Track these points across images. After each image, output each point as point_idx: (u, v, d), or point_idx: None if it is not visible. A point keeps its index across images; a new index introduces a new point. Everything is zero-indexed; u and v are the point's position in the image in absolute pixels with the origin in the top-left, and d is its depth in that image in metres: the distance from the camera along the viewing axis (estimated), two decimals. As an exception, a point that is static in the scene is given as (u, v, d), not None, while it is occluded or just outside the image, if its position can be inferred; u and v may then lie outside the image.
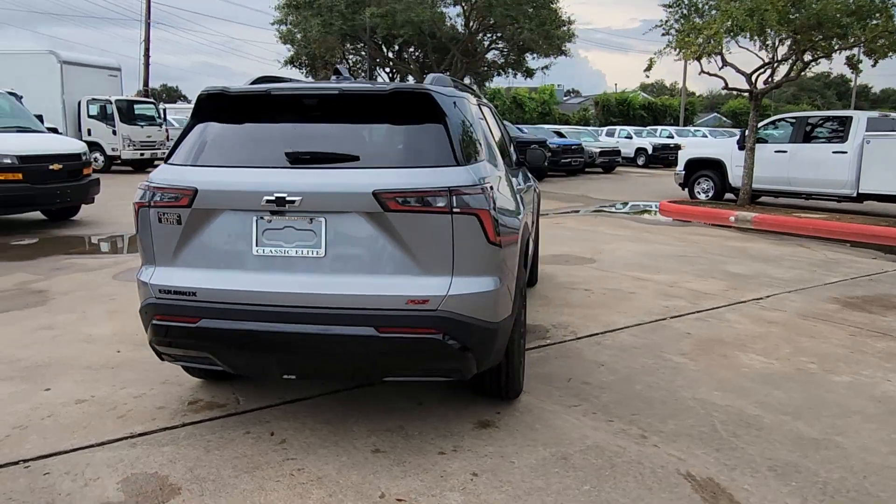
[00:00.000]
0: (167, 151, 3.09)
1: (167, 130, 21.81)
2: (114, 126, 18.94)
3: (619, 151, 23.91)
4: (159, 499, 2.64)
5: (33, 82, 18.66)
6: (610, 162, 23.08)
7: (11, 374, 3.97)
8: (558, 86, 49.79)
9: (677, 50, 12.38)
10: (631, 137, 27.82)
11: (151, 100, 22.83)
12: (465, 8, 16.26)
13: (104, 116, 19.04)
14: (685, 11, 12.30)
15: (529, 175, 5.71)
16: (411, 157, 2.84)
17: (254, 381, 3.79)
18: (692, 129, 30.94)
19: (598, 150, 22.67)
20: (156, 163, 20.73)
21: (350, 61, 21.66)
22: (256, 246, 2.82)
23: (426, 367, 2.90)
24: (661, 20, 12.57)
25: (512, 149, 5.31)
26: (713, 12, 11.60)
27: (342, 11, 15.62)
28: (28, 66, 19.00)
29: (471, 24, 16.91)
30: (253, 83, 3.39)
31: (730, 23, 10.85)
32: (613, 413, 3.46)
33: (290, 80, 3.32)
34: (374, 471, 2.85)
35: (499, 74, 21.33)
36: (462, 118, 3.12)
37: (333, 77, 3.40)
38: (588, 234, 9.61)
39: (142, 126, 19.55)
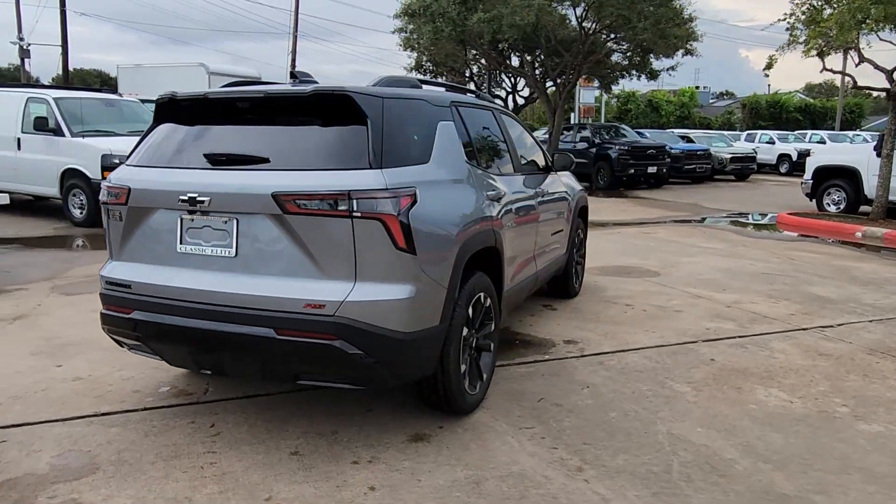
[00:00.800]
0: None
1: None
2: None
3: (754, 158, 22.02)
4: (75, 475, 2.82)
5: (186, 90, 20.86)
6: (743, 169, 21.31)
7: (43, 349, 4.44)
8: (703, 88, 46.85)
9: (806, 43, 11.19)
10: (773, 143, 25.51)
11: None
12: (579, 10, 15.75)
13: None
14: (813, 2, 11.06)
15: (566, 181, 5.42)
16: (322, 159, 2.80)
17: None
18: (851, 133, 27.69)
19: (730, 156, 21.03)
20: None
21: (473, 68, 21.87)
22: (180, 244, 2.93)
23: (332, 374, 2.84)
24: (785, 14, 11.41)
25: (539, 155, 5.09)
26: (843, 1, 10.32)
27: (453, 18, 15.79)
28: (183, 76, 21.26)
29: (586, 25, 16.35)
30: (224, 87, 3.52)
31: (860, 15, 9.60)
32: (564, 440, 3.18)
33: (257, 84, 3.40)
34: (278, 473, 2.85)
35: (623, 76, 20.39)
36: (398, 120, 3.03)
37: (291, 80, 3.43)
38: (672, 245, 8.94)
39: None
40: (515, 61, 20.20)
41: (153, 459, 2.96)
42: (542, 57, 17.77)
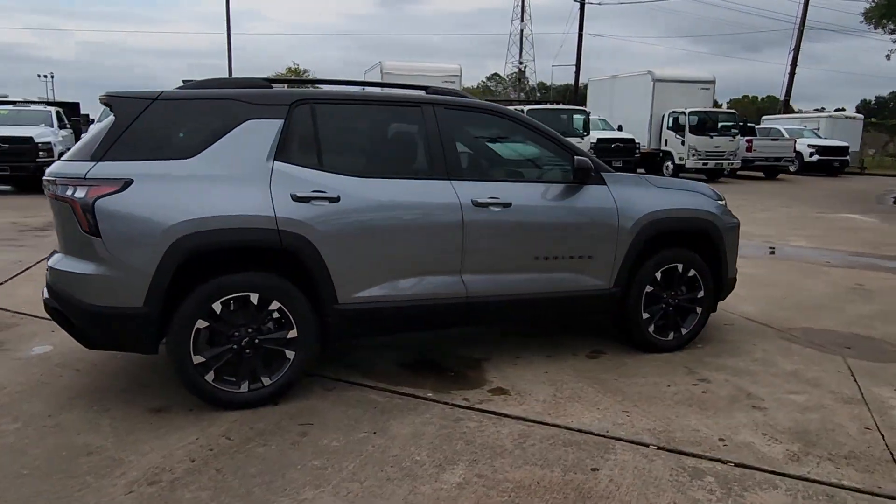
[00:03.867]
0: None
1: (749, 142, 21.18)
2: (683, 136, 19.84)
3: None
4: None
5: (632, 99, 21.59)
6: None
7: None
8: None
9: None
10: None
11: (732, 111, 22.34)
12: None
13: (677, 127, 20.14)
14: None
15: (623, 194, 4.18)
16: (84, 151, 3.36)
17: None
18: None
19: None
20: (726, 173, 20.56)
21: None
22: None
23: (65, 328, 3.40)
24: None
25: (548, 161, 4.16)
26: None
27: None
28: (631, 86, 22.01)
29: None
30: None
31: None
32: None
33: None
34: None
35: None
36: (160, 119, 3.35)
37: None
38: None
39: (711, 137, 19.68)
40: None
41: None
42: None
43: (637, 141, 19.73)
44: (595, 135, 18.67)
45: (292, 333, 3.49)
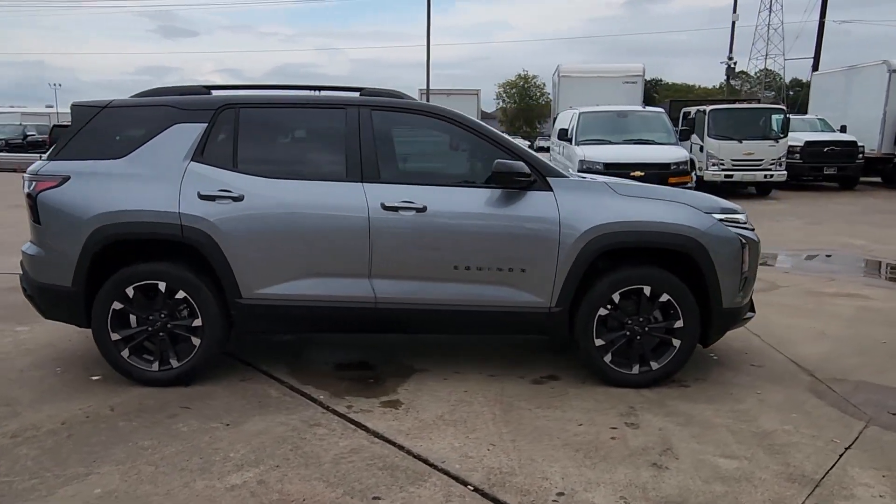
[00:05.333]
0: None
1: None
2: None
3: None
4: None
5: (864, 95, 18.25)
6: None
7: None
8: None
9: None
10: None
11: None
12: None
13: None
14: None
15: (571, 204, 3.74)
16: (51, 152, 3.95)
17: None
18: None
19: None
20: None
21: None
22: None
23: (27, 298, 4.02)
24: None
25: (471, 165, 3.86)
26: None
27: None
28: (863, 79, 18.53)
29: None
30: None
31: None
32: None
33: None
34: None
35: None
36: (106, 124, 3.81)
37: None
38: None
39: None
40: None
41: None
42: None
43: (861, 144, 16.55)
44: (802, 137, 16.12)
45: (197, 322, 3.74)
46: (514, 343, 4.55)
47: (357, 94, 3.98)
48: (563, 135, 11.99)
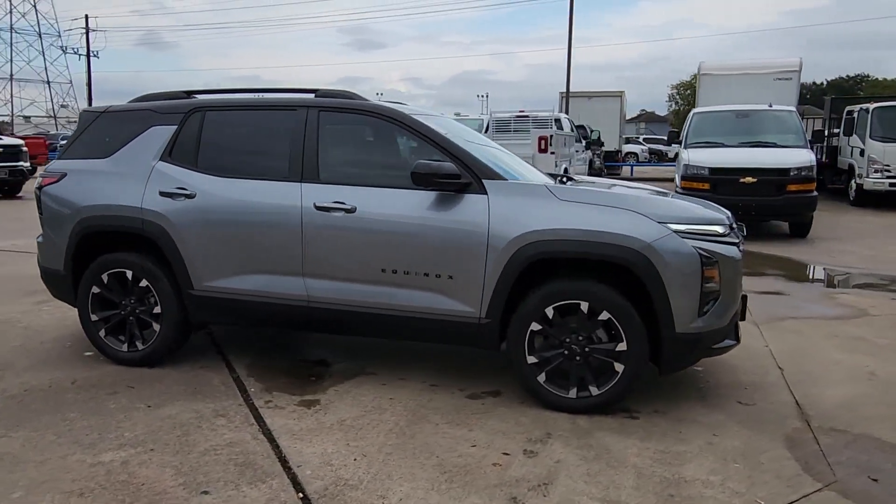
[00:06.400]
0: None
1: None
2: None
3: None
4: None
5: None
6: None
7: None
8: None
9: None
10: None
11: None
12: None
13: None
14: None
15: (503, 209, 3.49)
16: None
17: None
18: None
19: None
20: None
21: None
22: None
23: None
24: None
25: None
26: None
27: None
28: None
29: None
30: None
31: None
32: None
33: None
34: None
35: None
36: (100, 126, 4.24)
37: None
38: None
39: None
40: None
41: None
42: None
43: None
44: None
45: (157, 309, 4.04)
46: (485, 355, 4.31)
47: (312, 96, 4.04)
48: (676, 137, 11.03)
